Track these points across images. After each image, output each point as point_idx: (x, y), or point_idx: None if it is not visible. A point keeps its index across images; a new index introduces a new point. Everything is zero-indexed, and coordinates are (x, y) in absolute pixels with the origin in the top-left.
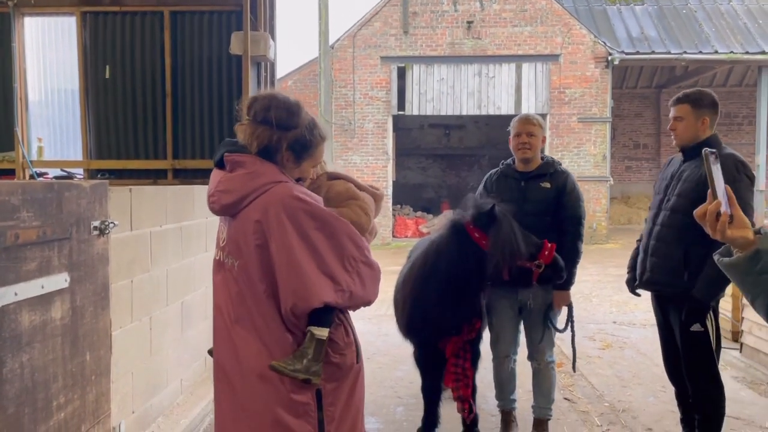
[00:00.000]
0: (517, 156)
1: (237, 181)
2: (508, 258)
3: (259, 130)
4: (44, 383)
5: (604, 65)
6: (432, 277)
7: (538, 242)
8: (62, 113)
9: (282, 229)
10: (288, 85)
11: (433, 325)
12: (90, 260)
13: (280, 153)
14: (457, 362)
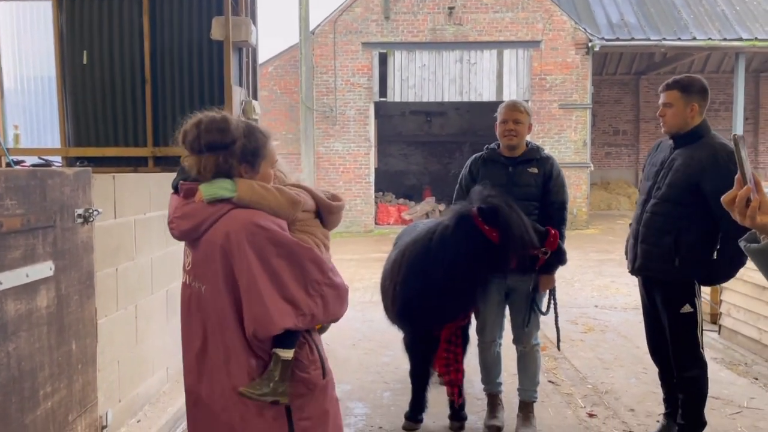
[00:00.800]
0: (504, 142)
1: (190, 208)
2: (521, 249)
3: (204, 159)
4: (31, 372)
5: (584, 52)
6: (435, 268)
7: (543, 230)
8: (39, 100)
9: (244, 256)
10: (269, 71)
11: (434, 314)
12: (74, 248)
13: (235, 169)
14: (449, 347)
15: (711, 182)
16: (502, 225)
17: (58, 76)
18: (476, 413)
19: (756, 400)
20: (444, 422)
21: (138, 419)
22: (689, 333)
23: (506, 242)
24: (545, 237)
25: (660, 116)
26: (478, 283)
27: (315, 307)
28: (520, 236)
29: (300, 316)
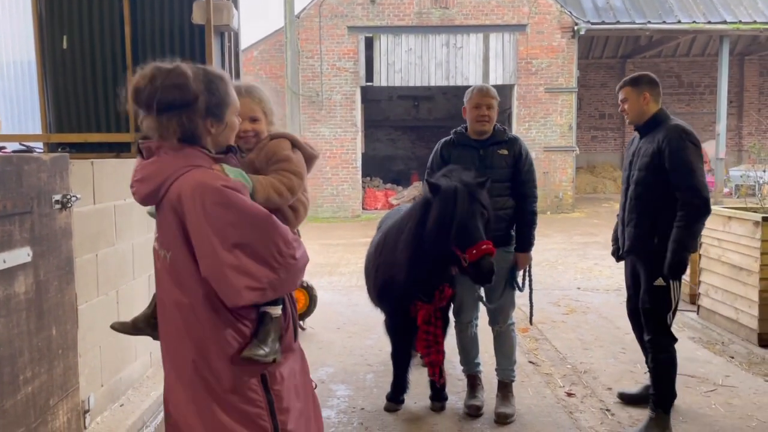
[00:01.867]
0: (476, 128)
1: (151, 169)
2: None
3: (164, 121)
4: (10, 357)
5: (570, 35)
6: (401, 244)
7: (476, 237)
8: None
9: (201, 220)
10: (254, 55)
11: (402, 290)
12: (53, 234)
13: (202, 126)
14: (428, 329)
15: (668, 159)
16: (435, 204)
17: (38, 61)
18: (457, 394)
19: (731, 378)
20: (425, 403)
21: (121, 403)
22: (660, 305)
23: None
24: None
25: (622, 113)
26: (440, 261)
27: (277, 281)
28: (436, 220)
29: (260, 291)
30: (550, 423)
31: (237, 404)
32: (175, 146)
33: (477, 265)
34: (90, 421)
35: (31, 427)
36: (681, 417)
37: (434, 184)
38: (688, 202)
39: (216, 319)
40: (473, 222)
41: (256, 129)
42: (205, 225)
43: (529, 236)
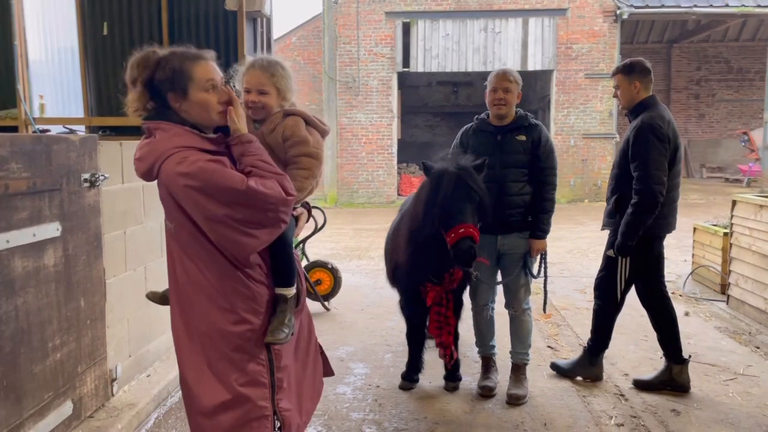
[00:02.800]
0: (493, 111)
1: (146, 149)
2: (422, 217)
3: (139, 95)
4: (39, 325)
5: (612, 19)
6: (402, 227)
7: (456, 221)
8: (63, 71)
9: (188, 198)
10: (292, 41)
11: (407, 272)
12: (81, 211)
13: (167, 100)
14: (439, 311)
15: (630, 149)
16: (424, 186)
17: (80, 48)
18: (472, 375)
19: (753, 367)
20: (440, 383)
21: (148, 374)
22: (608, 272)
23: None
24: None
25: (615, 97)
26: (433, 243)
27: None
28: (425, 201)
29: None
30: (561, 406)
31: (241, 363)
32: (169, 127)
33: (455, 247)
34: (117, 389)
35: (60, 391)
36: (696, 404)
37: (427, 166)
38: (638, 192)
39: (223, 281)
40: (457, 204)
41: (263, 101)
42: (194, 201)
43: (544, 223)
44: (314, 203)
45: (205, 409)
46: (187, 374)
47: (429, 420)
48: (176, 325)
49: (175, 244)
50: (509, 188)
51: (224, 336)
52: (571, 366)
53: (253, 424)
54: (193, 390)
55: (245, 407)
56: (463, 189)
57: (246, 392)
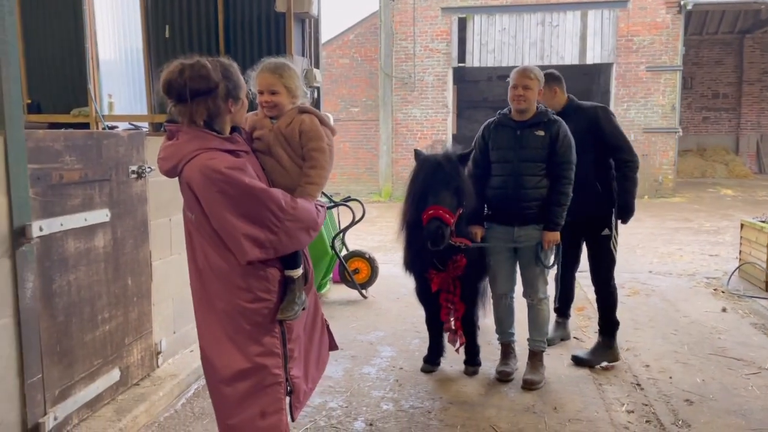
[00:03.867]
0: (513, 107)
1: (170, 150)
2: (406, 202)
3: (193, 107)
4: (90, 299)
5: (676, 10)
6: (401, 212)
7: (430, 203)
8: (131, 71)
9: (208, 197)
10: (350, 39)
11: (416, 256)
12: (129, 199)
13: (223, 108)
14: (447, 297)
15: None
16: (410, 173)
17: (144, 49)
18: (492, 361)
19: None
20: (460, 367)
21: (191, 349)
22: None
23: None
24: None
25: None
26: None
27: (278, 241)
28: (409, 187)
29: (263, 249)
30: (575, 392)
31: (257, 335)
32: (190, 131)
33: (425, 228)
34: (162, 361)
35: (109, 359)
36: (711, 395)
37: (416, 153)
38: (632, 161)
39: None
40: (431, 189)
41: (275, 100)
42: (213, 201)
43: (557, 216)
44: (367, 197)
45: (225, 378)
46: (207, 347)
47: (444, 400)
48: (197, 304)
49: (196, 232)
50: (526, 182)
51: (242, 313)
52: (590, 355)
53: (268, 390)
54: (213, 361)
55: (261, 374)
56: (441, 173)
57: (262, 361)
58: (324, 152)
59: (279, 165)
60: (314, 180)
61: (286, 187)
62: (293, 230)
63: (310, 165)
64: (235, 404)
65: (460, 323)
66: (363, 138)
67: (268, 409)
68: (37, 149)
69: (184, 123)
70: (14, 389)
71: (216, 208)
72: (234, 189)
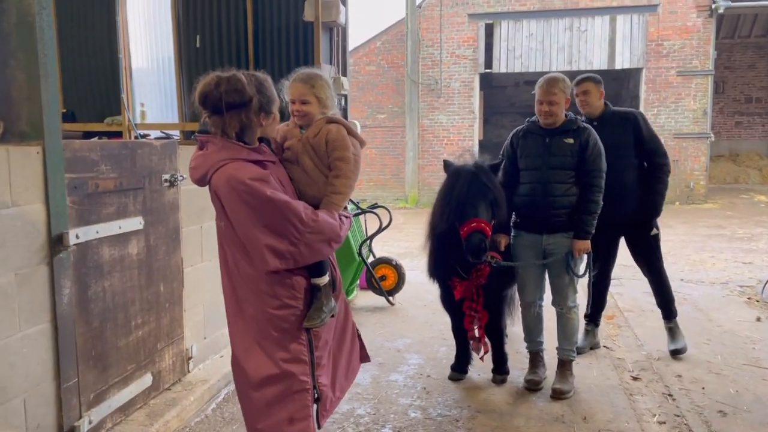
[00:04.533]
0: (541, 120)
1: (200, 160)
2: (438, 213)
3: (227, 119)
4: (123, 306)
5: (707, 14)
6: (428, 222)
7: (467, 216)
8: (162, 80)
9: (233, 206)
10: (376, 46)
11: (435, 266)
12: (162, 207)
13: (255, 122)
14: (471, 305)
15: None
16: (443, 183)
17: (176, 58)
18: (521, 370)
19: None
20: (488, 376)
21: (221, 355)
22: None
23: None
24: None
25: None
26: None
27: (298, 253)
28: (440, 197)
29: (283, 260)
30: (605, 402)
31: (284, 342)
32: (219, 141)
33: (467, 240)
34: (193, 366)
35: (141, 364)
36: (746, 406)
37: (446, 164)
38: (665, 164)
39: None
40: (470, 200)
41: (305, 110)
42: (237, 210)
43: (587, 224)
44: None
45: (253, 383)
46: (238, 352)
47: (472, 408)
48: (229, 309)
49: (226, 239)
50: (555, 189)
51: (269, 319)
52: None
53: (295, 396)
54: (243, 366)
55: (289, 381)
56: (477, 186)
57: (290, 368)
58: (348, 162)
59: (306, 175)
60: (339, 189)
61: (313, 196)
62: (314, 242)
63: (334, 174)
64: (264, 409)
65: (483, 331)
66: (389, 144)
67: (296, 416)
68: (74, 159)
69: (216, 134)
70: (51, 393)
71: (239, 218)
72: (256, 200)
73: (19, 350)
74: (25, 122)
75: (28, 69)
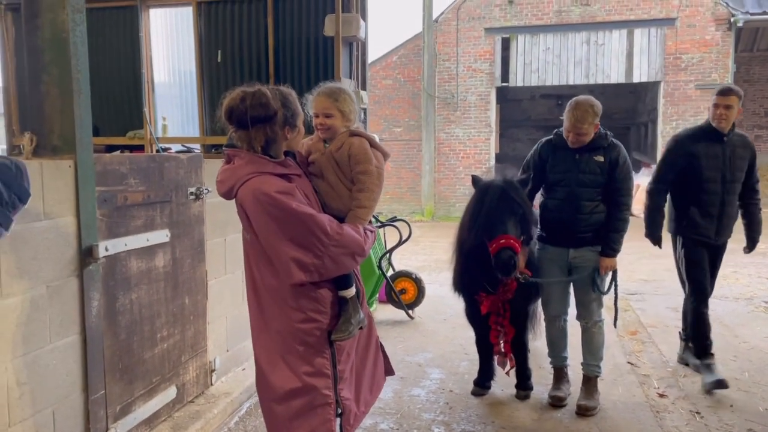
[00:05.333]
0: (569, 143)
1: (227, 173)
2: (466, 228)
3: (253, 133)
4: (150, 318)
5: (726, 27)
6: (456, 237)
7: (497, 232)
8: (184, 95)
9: (258, 219)
10: (393, 60)
11: (461, 280)
12: (187, 220)
13: (280, 135)
14: (497, 320)
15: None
16: (471, 198)
17: (198, 73)
18: (545, 385)
19: None
20: (512, 391)
21: (243, 368)
22: None
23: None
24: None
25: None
26: (478, 253)
27: (322, 266)
28: (466, 213)
29: (308, 272)
30: (632, 420)
31: (308, 356)
32: (245, 155)
33: (496, 256)
34: (216, 379)
35: (166, 376)
36: None
37: (475, 179)
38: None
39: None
40: (499, 216)
41: (329, 123)
42: (262, 223)
43: (615, 242)
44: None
45: (277, 396)
46: (262, 365)
47: (496, 424)
48: (254, 322)
49: (252, 252)
50: (584, 207)
51: (294, 332)
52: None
53: (318, 410)
54: (267, 379)
55: (312, 395)
56: (507, 201)
57: (313, 382)
58: (371, 175)
59: (331, 188)
60: (363, 203)
61: (338, 209)
62: (338, 256)
63: (358, 188)
64: (286, 423)
65: (509, 346)
66: (405, 158)
67: (318, 430)
68: (105, 172)
69: (243, 148)
70: (79, 405)
71: (265, 230)
72: (281, 212)
73: (49, 362)
74: (58, 136)
75: (61, 84)
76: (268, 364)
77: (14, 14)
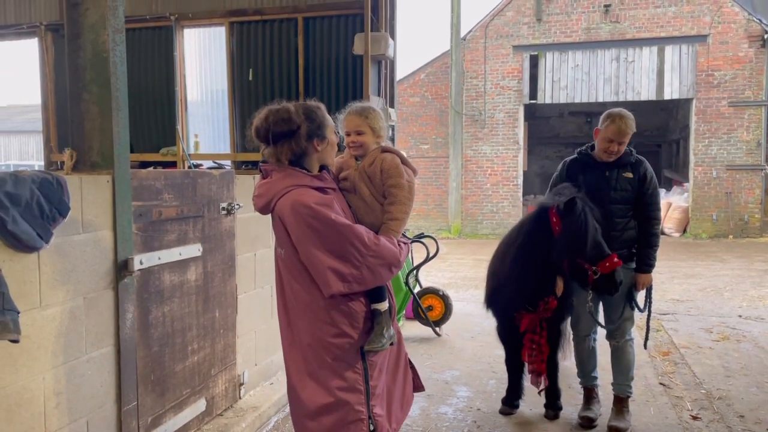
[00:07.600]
0: (602, 156)
1: (264, 188)
2: (567, 252)
3: (279, 148)
4: (181, 331)
5: (759, 44)
6: (509, 253)
7: (606, 252)
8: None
9: (297, 230)
10: (421, 78)
11: (507, 299)
12: (219, 235)
13: (309, 148)
14: (533, 338)
15: None
16: (566, 220)
17: (229, 91)
18: (574, 405)
19: None
20: (540, 410)
21: (271, 382)
22: None
23: (560, 238)
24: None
25: None
26: (544, 272)
27: (360, 276)
28: (572, 237)
29: (346, 283)
30: None
31: (340, 371)
32: (282, 169)
33: (610, 277)
34: (244, 393)
35: (196, 389)
36: None
37: (569, 203)
38: None
39: (325, 300)
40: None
41: (360, 140)
42: (301, 234)
43: (649, 258)
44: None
45: (309, 412)
46: (294, 380)
47: None
48: (285, 337)
49: (284, 266)
50: (616, 224)
51: (326, 347)
52: None
53: (350, 427)
54: (299, 394)
55: (344, 410)
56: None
57: (345, 397)
58: (402, 188)
59: (363, 203)
60: (395, 216)
61: (371, 224)
62: (375, 266)
63: (389, 201)
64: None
65: (545, 365)
66: (432, 175)
67: None
68: (141, 187)
69: (272, 163)
70: (112, 415)
71: (304, 242)
72: (321, 224)
73: (84, 372)
74: (97, 153)
75: (101, 102)
76: (299, 379)
77: (54, 34)
